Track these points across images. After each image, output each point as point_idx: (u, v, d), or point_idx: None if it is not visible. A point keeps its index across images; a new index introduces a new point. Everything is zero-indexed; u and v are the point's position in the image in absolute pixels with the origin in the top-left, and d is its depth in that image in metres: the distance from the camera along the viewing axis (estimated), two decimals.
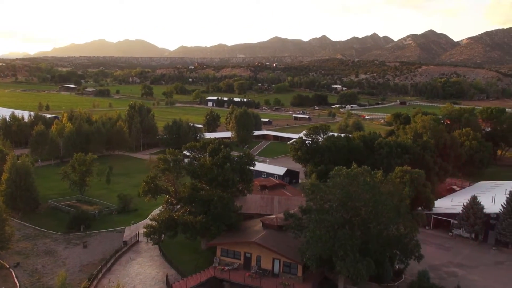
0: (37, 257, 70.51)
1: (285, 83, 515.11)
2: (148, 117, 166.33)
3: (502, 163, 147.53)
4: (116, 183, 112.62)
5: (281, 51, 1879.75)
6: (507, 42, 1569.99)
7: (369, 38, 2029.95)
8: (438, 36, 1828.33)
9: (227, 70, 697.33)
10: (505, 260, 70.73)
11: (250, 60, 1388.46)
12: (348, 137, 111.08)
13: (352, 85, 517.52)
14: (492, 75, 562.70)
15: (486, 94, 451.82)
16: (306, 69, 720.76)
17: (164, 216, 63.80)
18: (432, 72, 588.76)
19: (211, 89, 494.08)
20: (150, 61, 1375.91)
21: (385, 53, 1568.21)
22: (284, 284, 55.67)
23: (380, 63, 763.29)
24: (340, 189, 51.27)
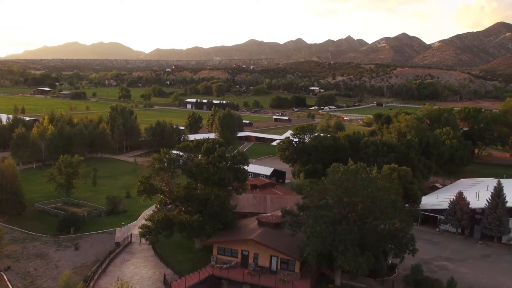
0: (28, 260, 69.37)
1: (263, 85, 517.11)
2: (131, 119, 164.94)
3: (480, 161, 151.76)
4: (102, 185, 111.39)
5: (257, 54, 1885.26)
6: (476, 45, 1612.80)
7: (344, 41, 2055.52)
8: (411, 39, 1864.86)
9: (205, 72, 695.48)
10: (491, 254, 73.08)
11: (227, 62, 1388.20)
12: (334, 136, 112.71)
13: (329, 87, 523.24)
14: (464, 77, 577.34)
15: (459, 95, 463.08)
16: (283, 72, 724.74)
17: (160, 216, 63.65)
18: (407, 74, 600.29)
19: (189, 91, 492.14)
20: (125, 64, 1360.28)
21: (360, 56, 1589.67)
22: (283, 280, 56.32)
23: (356, 65, 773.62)
24: (339, 186, 52.25)
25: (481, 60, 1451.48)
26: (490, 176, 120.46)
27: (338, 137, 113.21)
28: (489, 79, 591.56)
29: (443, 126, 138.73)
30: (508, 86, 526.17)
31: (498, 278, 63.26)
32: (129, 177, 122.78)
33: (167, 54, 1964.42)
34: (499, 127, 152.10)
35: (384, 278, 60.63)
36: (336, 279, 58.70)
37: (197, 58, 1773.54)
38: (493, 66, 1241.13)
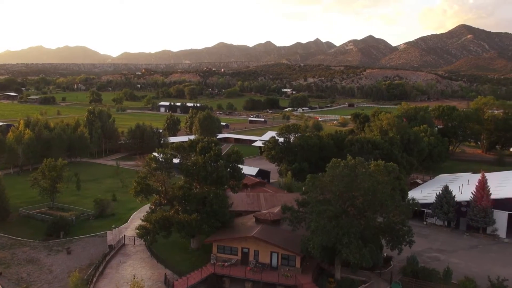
0: (19, 266, 67.69)
1: (235, 88, 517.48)
2: (109, 122, 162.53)
3: (455, 158, 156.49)
4: (85, 189, 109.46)
5: (227, 57, 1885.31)
6: (440, 46, 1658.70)
7: (313, 43, 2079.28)
8: (377, 41, 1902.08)
9: (176, 75, 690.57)
10: (478, 244, 75.75)
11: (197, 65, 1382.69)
12: (319, 135, 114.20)
13: (301, 89, 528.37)
14: (431, 77, 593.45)
15: (427, 95, 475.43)
16: (255, 74, 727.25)
17: (157, 216, 63.28)
18: (376, 75, 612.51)
19: (161, 94, 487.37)
20: (93, 68, 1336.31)
21: (328, 58, 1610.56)
22: (286, 276, 56.94)
23: (326, 67, 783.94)
24: (340, 180, 53.30)
25: (444, 61, 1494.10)
26: (466, 172, 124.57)
27: (322, 136, 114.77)
28: (454, 80, 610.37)
29: (420, 124, 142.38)
30: (472, 86, 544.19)
31: (488, 267, 65.56)
32: (112, 181, 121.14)
33: (136, 58, 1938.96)
34: (472, 124, 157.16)
35: (381, 271, 62.06)
36: (336, 273, 59.71)
37: (166, 62, 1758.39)
38: (457, 67, 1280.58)
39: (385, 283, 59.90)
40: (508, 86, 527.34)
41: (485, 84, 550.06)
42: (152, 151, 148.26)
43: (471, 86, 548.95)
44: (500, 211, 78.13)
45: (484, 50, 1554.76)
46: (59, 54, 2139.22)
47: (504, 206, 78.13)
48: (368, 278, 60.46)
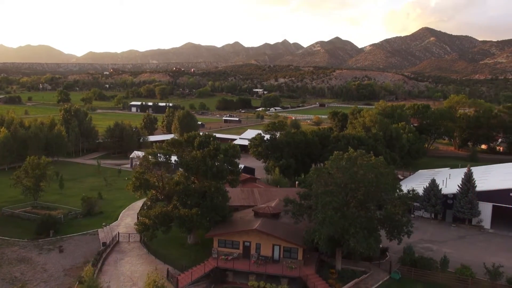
0: (11, 265, 65.62)
1: (206, 88, 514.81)
2: (86, 121, 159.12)
3: (430, 154, 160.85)
4: (67, 188, 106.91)
5: (195, 57, 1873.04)
6: (404, 48, 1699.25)
7: (281, 44, 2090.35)
8: (344, 43, 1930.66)
9: (145, 75, 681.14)
10: (466, 235, 78.41)
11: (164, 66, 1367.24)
12: (303, 132, 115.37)
13: (272, 89, 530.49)
14: (398, 78, 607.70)
15: (395, 96, 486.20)
16: (225, 74, 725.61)
17: (157, 211, 62.65)
18: (345, 75, 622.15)
19: (131, 94, 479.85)
20: (57, 67, 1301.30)
21: (296, 59, 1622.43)
22: (291, 267, 57.46)
23: (295, 68, 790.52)
24: (344, 172, 54.27)
25: (409, 62, 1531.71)
26: (442, 167, 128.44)
27: (306, 133, 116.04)
28: (420, 80, 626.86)
29: (397, 121, 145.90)
30: (438, 87, 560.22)
31: (479, 255, 67.99)
32: (94, 179, 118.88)
33: (101, 57, 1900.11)
34: (445, 122, 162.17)
35: (380, 261, 63.47)
36: (337, 264, 60.72)
37: (133, 62, 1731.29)
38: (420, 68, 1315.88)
39: (384, 273, 61.34)
40: (471, 86, 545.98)
41: (450, 85, 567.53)
42: (132, 150, 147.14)
43: (437, 86, 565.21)
44: (485, 202, 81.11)
45: (446, 53, 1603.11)
46: (21, 53, 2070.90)
47: (488, 198, 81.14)
48: (368, 268, 61.76)
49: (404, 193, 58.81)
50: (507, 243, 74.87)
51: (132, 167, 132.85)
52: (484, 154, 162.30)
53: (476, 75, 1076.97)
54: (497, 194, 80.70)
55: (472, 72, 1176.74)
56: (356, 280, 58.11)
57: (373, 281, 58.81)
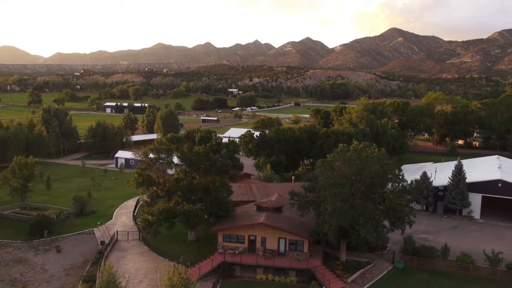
0: (8, 267, 63.81)
1: (181, 88, 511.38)
2: (66, 121, 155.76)
3: (410, 150, 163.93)
4: (54, 188, 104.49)
5: (166, 58, 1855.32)
6: (373, 48, 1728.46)
7: (252, 45, 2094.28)
8: (314, 43, 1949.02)
9: (118, 76, 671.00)
10: (458, 225, 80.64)
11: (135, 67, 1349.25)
12: (292, 129, 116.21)
13: (247, 89, 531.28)
14: (370, 77, 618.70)
15: (368, 94, 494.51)
16: (198, 75, 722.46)
17: (160, 208, 62.07)
18: (319, 75, 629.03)
19: (103, 95, 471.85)
20: (23, 69, 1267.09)
21: (268, 59, 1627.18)
22: (299, 259, 57.90)
23: (268, 68, 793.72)
24: (352, 164, 55.13)
25: (378, 62, 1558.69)
26: (423, 162, 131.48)
27: (295, 130, 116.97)
28: (391, 79, 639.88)
29: (379, 118, 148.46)
30: (409, 85, 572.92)
31: (473, 244, 70.08)
32: (80, 180, 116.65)
33: (70, 58, 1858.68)
34: (425, 118, 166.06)
35: (383, 252, 64.69)
36: (342, 256, 61.55)
37: (102, 63, 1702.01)
38: (390, 68, 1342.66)
39: (387, 262, 62.56)
40: (441, 85, 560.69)
41: (420, 83, 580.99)
42: (115, 150, 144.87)
43: (408, 85, 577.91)
44: (475, 193, 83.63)
45: (414, 52, 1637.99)
46: None
47: (478, 189, 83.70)
48: (371, 259, 62.85)
49: (409, 182, 60.08)
50: (498, 231, 77.44)
51: (118, 167, 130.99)
52: (462, 149, 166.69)
53: (444, 74, 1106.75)
54: (486, 185, 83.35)
55: (439, 72, 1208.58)
56: (362, 270, 59.10)
57: (378, 271, 59.89)
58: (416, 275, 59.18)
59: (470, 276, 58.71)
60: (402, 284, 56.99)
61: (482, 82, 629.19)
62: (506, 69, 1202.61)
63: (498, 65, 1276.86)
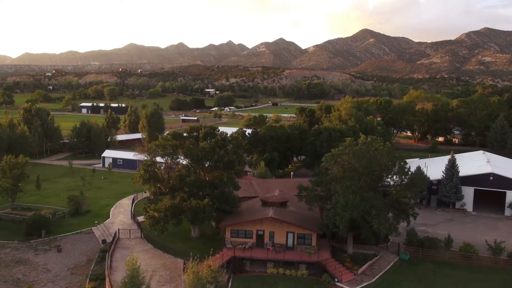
0: (8, 268, 62.28)
1: (157, 88, 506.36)
2: (49, 120, 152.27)
3: (394, 147, 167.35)
4: (43, 188, 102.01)
5: (138, 58, 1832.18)
6: (346, 49, 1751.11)
7: (225, 45, 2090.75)
8: (288, 44, 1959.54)
9: (91, 76, 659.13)
10: (453, 218, 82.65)
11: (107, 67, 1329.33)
12: (283, 126, 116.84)
13: (224, 89, 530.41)
14: (345, 77, 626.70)
15: (344, 94, 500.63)
16: (173, 75, 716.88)
17: (167, 204, 61.51)
18: (295, 75, 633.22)
19: (78, 96, 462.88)
20: None
21: (242, 60, 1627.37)
22: (310, 252, 58.34)
23: (243, 68, 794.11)
24: (362, 157, 55.94)
25: (351, 63, 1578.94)
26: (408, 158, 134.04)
27: (285, 127, 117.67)
28: (365, 79, 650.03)
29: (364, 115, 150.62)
30: (383, 85, 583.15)
31: (471, 235, 71.92)
32: (68, 180, 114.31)
33: (39, 59, 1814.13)
34: (407, 116, 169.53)
35: (387, 244, 65.81)
36: (348, 249, 62.35)
37: (73, 63, 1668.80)
38: (362, 68, 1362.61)
39: (393, 254, 63.74)
40: (414, 85, 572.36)
41: (394, 83, 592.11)
42: (101, 150, 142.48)
43: (382, 85, 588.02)
44: (467, 187, 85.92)
45: (385, 53, 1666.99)
46: None
47: (470, 182, 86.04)
48: (377, 251, 63.84)
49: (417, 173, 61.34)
50: (492, 223, 79.73)
51: (105, 166, 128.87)
52: (442, 145, 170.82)
53: (415, 74, 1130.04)
54: (479, 178, 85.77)
55: (410, 72, 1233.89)
56: (369, 262, 60.00)
57: (385, 263, 60.91)
58: (422, 265, 60.45)
59: (473, 266, 60.38)
60: (410, 274, 58.15)
61: (453, 82, 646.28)
62: (474, 70, 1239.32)
63: (466, 65, 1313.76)
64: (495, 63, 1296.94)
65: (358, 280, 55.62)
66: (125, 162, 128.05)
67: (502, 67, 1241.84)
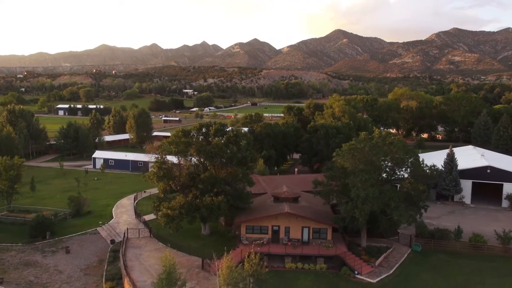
0: (18, 270, 60.64)
1: (134, 89, 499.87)
2: (34, 121, 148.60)
3: None
4: (37, 190, 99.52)
5: (111, 59, 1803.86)
6: (320, 49, 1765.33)
7: (200, 46, 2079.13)
8: (262, 44, 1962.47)
9: (65, 78, 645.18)
10: (454, 210, 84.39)
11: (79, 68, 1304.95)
12: (278, 124, 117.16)
13: (202, 89, 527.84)
14: (322, 77, 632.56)
15: (322, 93, 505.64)
16: (149, 76, 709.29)
17: (181, 201, 60.90)
18: (273, 75, 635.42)
19: (52, 97, 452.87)
20: None
21: (216, 60, 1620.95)
22: (328, 246, 58.74)
23: (220, 69, 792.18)
24: (379, 150, 56.68)
25: (325, 63, 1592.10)
26: None
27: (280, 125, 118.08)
28: (342, 79, 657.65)
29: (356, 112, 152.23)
30: (359, 84, 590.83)
31: (474, 226, 73.39)
32: (61, 181, 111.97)
33: (7, 60, 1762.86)
34: (392, 113, 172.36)
35: (398, 237, 66.76)
36: (362, 242, 62.99)
37: (43, 65, 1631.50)
38: (336, 68, 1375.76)
39: (405, 246, 64.72)
40: (389, 84, 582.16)
41: (370, 83, 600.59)
42: (89, 151, 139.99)
43: (358, 84, 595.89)
44: (466, 180, 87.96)
45: (358, 53, 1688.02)
46: None
47: (468, 175, 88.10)
48: (389, 244, 64.71)
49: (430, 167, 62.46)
50: (492, 214, 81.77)
51: (95, 167, 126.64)
52: (427, 142, 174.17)
53: (388, 73, 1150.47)
54: (476, 171, 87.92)
55: (383, 71, 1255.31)
56: (384, 254, 60.76)
57: (399, 255, 61.79)
58: (435, 256, 61.58)
59: (483, 255, 61.87)
60: (426, 265, 59.16)
61: (426, 81, 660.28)
62: (444, 69, 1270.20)
63: (437, 65, 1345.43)
64: (464, 62, 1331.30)
65: (377, 272, 56.28)
66: (117, 163, 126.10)
67: (471, 66, 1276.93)
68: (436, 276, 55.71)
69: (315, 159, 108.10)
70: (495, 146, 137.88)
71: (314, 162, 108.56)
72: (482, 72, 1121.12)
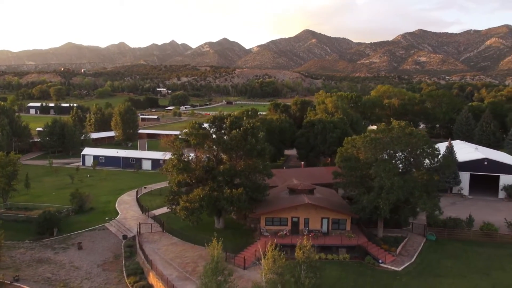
0: (32, 267, 58.65)
1: (107, 88, 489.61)
2: (16, 119, 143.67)
3: None
4: (31, 188, 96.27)
5: (77, 58, 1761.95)
6: (289, 49, 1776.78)
7: (169, 45, 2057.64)
8: (232, 44, 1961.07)
9: (33, 76, 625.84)
10: (455, 201, 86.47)
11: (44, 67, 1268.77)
12: (274, 119, 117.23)
13: (176, 88, 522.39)
14: (296, 76, 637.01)
15: (296, 92, 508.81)
16: (119, 74, 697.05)
17: (201, 194, 60.13)
18: (247, 74, 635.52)
19: (21, 96, 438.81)
20: None
21: (186, 60, 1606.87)
22: (350, 236, 59.21)
23: (192, 67, 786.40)
24: (400, 140, 57.55)
25: (295, 63, 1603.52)
26: None
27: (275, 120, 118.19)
28: (315, 78, 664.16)
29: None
30: (332, 83, 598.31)
31: (479, 215, 74.93)
32: (52, 179, 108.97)
33: None
34: (377, 110, 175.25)
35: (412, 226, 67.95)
36: (379, 232, 63.80)
37: (6, 63, 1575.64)
38: (306, 68, 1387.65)
39: (419, 236, 65.92)
40: (361, 83, 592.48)
41: (342, 82, 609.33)
42: (76, 148, 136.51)
43: (331, 83, 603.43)
44: (463, 172, 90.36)
45: (327, 53, 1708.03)
46: None
47: (466, 167, 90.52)
48: (405, 234, 65.79)
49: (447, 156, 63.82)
50: (491, 205, 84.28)
51: (85, 164, 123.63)
52: None
53: (357, 73, 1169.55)
54: (474, 164, 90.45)
55: (352, 71, 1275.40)
56: (402, 243, 61.74)
57: (416, 244, 62.89)
58: (450, 245, 62.97)
59: (495, 243, 63.72)
60: (443, 253, 60.41)
61: (396, 80, 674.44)
62: (410, 69, 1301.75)
63: (403, 65, 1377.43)
64: (430, 62, 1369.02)
65: (399, 261, 57.10)
66: (108, 160, 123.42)
67: (436, 66, 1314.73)
68: (458, 263, 56.97)
69: (312, 154, 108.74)
70: (478, 141, 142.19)
71: (312, 156, 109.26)
72: (447, 72, 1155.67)
